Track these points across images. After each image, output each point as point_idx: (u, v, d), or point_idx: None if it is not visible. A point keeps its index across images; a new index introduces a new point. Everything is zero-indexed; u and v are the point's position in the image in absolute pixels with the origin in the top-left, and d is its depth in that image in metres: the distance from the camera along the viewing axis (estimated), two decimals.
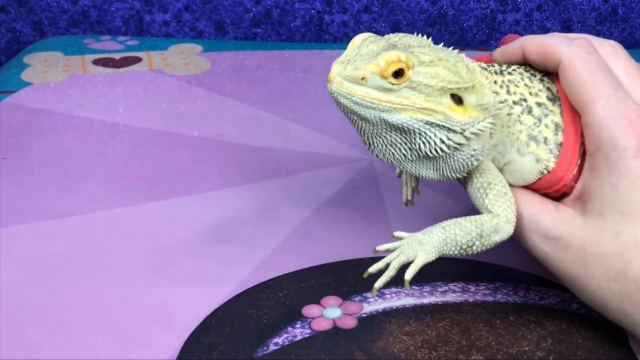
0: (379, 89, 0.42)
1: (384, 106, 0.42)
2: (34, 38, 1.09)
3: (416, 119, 0.42)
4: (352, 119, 0.43)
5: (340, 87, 0.42)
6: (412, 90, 0.42)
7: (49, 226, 0.60)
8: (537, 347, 0.47)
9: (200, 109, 0.83)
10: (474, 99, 0.43)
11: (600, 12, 1.07)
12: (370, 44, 0.43)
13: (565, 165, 0.45)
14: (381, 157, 0.45)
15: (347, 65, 0.42)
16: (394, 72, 0.41)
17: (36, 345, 0.47)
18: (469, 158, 0.44)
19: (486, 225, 0.44)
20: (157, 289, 0.53)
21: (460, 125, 0.43)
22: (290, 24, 1.09)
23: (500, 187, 0.45)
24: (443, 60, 0.42)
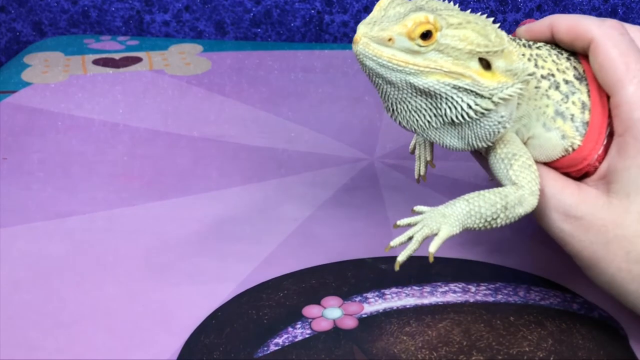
0: (406, 51, 0.41)
1: (411, 69, 0.41)
2: (34, 38, 1.09)
3: (443, 82, 0.41)
4: (377, 82, 0.42)
5: (367, 48, 0.41)
6: (440, 53, 0.41)
7: (49, 226, 0.60)
8: (537, 347, 0.47)
9: (200, 109, 0.83)
10: (502, 63, 0.42)
11: (600, 12, 1.07)
12: (397, 6, 0.42)
13: (592, 145, 0.45)
14: (404, 125, 0.44)
15: (374, 26, 0.41)
16: (422, 33, 0.40)
17: (36, 345, 0.47)
18: (496, 125, 0.43)
19: (510, 197, 0.43)
20: (157, 289, 0.53)
21: (489, 90, 0.41)
22: (290, 24, 1.09)
23: (525, 158, 0.44)
24: (472, 23, 0.41)
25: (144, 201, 0.64)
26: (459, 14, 0.42)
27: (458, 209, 0.43)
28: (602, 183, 0.44)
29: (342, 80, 0.92)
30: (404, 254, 0.43)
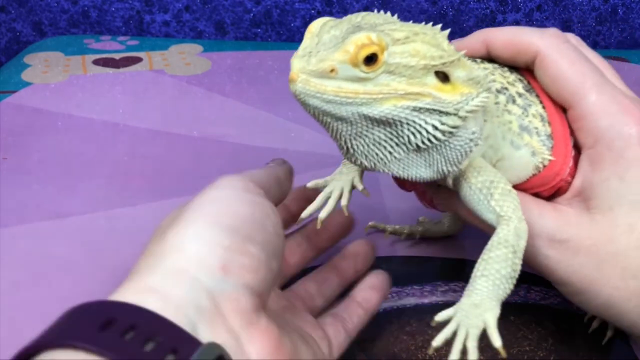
0: (353, 79, 0.35)
1: (362, 99, 0.35)
2: (34, 38, 1.09)
3: (401, 107, 0.36)
4: (325, 121, 0.36)
5: (307, 85, 0.35)
6: (391, 75, 0.35)
7: (49, 226, 0.60)
8: (537, 347, 0.47)
9: (200, 109, 0.83)
10: (462, 73, 0.37)
11: (600, 12, 1.07)
12: (331, 29, 0.36)
13: (562, 158, 0.42)
14: (363, 162, 0.39)
15: (310, 58, 0.35)
16: (367, 57, 0.35)
17: None
18: (467, 143, 0.38)
19: (510, 237, 0.38)
20: None
21: (453, 106, 0.36)
22: (290, 24, 1.09)
23: (503, 184, 0.40)
24: (420, 35, 0.36)
25: (144, 201, 0.64)
26: (403, 26, 0.37)
27: (483, 289, 0.37)
28: (577, 201, 0.41)
29: None
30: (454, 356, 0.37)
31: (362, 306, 0.46)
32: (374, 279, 0.48)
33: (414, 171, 0.39)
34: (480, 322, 0.37)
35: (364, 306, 0.46)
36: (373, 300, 0.46)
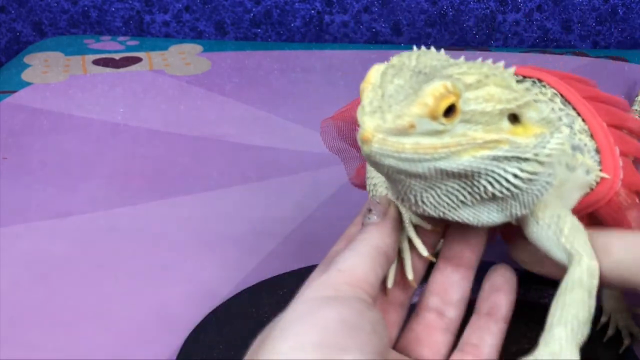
0: (430, 133, 0.32)
1: (440, 154, 0.32)
2: (34, 38, 1.09)
3: (480, 157, 0.33)
4: (397, 178, 0.34)
5: (384, 145, 0.32)
6: (467, 124, 0.33)
7: (49, 226, 0.60)
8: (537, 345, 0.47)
9: (201, 109, 0.83)
10: (534, 113, 0.34)
11: (600, 12, 1.07)
12: (394, 79, 0.33)
13: (612, 171, 0.39)
14: (429, 212, 0.36)
15: (384, 114, 0.32)
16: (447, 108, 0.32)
17: (36, 345, 0.47)
18: (543, 187, 0.35)
19: (584, 278, 0.36)
20: (157, 288, 0.53)
21: (531, 150, 0.34)
22: (291, 24, 1.09)
23: (570, 217, 0.37)
24: (490, 77, 0.34)
25: (144, 201, 0.64)
26: (470, 67, 0.34)
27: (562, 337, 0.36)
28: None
29: (342, 80, 0.92)
30: None
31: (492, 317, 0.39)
32: (497, 279, 0.40)
33: (485, 217, 0.36)
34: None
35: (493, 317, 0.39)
36: (502, 305, 0.39)
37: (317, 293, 0.32)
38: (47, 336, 0.48)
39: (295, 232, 0.59)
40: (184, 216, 0.62)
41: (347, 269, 0.34)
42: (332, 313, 0.31)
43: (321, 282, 0.33)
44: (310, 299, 0.32)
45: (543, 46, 1.09)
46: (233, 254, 0.56)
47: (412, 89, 0.32)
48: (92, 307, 0.51)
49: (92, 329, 0.49)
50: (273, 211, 0.63)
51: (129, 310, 0.50)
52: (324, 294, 0.32)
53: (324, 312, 0.31)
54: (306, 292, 0.33)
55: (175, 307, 0.51)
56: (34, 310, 0.51)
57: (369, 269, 0.34)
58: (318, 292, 0.33)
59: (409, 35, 1.09)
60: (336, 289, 0.32)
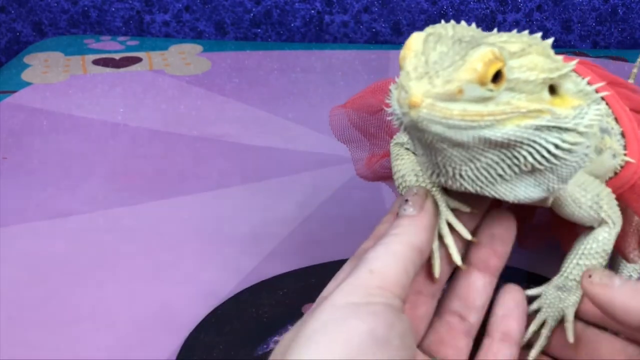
0: (477, 100, 0.32)
1: (486, 121, 0.32)
2: (34, 38, 1.10)
3: (524, 126, 0.32)
4: (440, 148, 0.33)
5: (433, 110, 0.31)
6: (512, 92, 0.33)
7: (49, 226, 0.60)
8: None
9: (201, 109, 0.83)
10: (571, 85, 0.35)
11: (600, 12, 1.07)
12: (437, 45, 0.33)
13: (637, 154, 0.40)
14: (467, 187, 0.35)
15: (431, 79, 0.32)
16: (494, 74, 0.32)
17: (36, 345, 0.47)
18: (582, 159, 0.35)
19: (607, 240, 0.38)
20: (157, 288, 0.53)
21: (571, 121, 0.34)
22: (291, 24, 1.10)
23: (606, 191, 0.38)
24: (533, 46, 0.34)
25: (144, 201, 0.64)
26: (512, 36, 0.34)
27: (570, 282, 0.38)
28: None
29: (342, 80, 0.92)
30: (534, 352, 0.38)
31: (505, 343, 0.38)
32: (509, 302, 0.39)
33: (522, 191, 0.36)
34: (560, 315, 0.38)
35: (507, 343, 0.38)
36: (515, 330, 0.38)
37: (347, 298, 0.31)
38: (46, 336, 0.48)
39: (295, 232, 0.59)
40: (184, 216, 0.62)
41: (378, 270, 0.32)
42: (361, 325, 0.30)
43: (351, 284, 0.32)
44: (340, 306, 0.31)
45: None
46: (233, 254, 0.56)
47: (458, 55, 0.32)
48: (92, 307, 0.51)
49: (92, 329, 0.49)
50: (273, 211, 0.63)
51: (129, 310, 0.50)
52: (354, 299, 0.31)
53: (352, 323, 0.30)
54: (336, 296, 0.31)
55: (176, 307, 0.51)
56: (34, 310, 0.51)
57: (401, 270, 0.33)
58: (348, 298, 0.31)
59: (409, 35, 1.09)
60: (367, 294, 0.31)
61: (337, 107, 0.48)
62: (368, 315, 0.30)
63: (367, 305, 0.31)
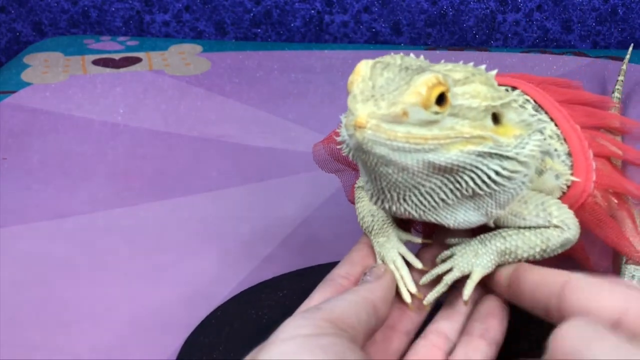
0: (421, 124, 0.33)
1: (430, 145, 0.33)
2: (34, 38, 1.09)
3: (467, 151, 0.33)
4: (383, 172, 0.34)
5: (378, 132, 0.32)
6: (455, 117, 0.33)
7: (49, 226, 0.60)
8: (537, 346, 0.47)
9: (200, 109, 0.83)
10: (514, 115, 0.36)
11: (600, 12, 1.07)
12: (383, 72, 0.34)
13: (584, 174, 0.41)
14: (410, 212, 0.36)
15: (377, 101, 0.32)
16: (437, 97, 0.33)
17: (36, 345, 0.47)
18: (519, 186, 0.37)
19: (553, 240, 0.38)
20: (157, 289, 0.53)
21: (512, 149, 0.35)
22: (291, 24, 1.09)
23: (552, 200, 0.39)
24: (476, 75, 0.35)
25: (144, 201, 0.64)
26: (454, 66, 0.36)
27: (493, 246, 0.38)
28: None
29: (342, 80, 0.92)
30: (431, 295, 0.38)
31: (484, 337, 0.38)
32: (492, 304, 0.39)
33: (461, 216, 0.37)
34: (468, 270, 0.38)
35: (485, 337, 0.38)
36: (493, 328, 0.38)
37: (298, 331, 0.31)
38: (46, 336, 0.48)
39: (295, 233, 0.59)
40: (183, 216, 0.62)
41: (326, 307, 0.33)
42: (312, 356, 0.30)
43: (302, 317, 0.32)
44: (290, 339, 0.31)
45: (543, 46, 1.09)
46: (233, 255, 0.56)
47: (403, 80, 0.33)
48: (91, 307, 0.51)
49: (92, 329, 0.49)
50: (273, 211, 0.63)
51: (128, 311, 0.50)
52: (305, 332, 0.31)
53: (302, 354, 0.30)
54: (287, 327, 0.32)
55: (175, 308, 0.51)
56: (34, 310, 0.51)
57: (350, 311, 0.33)
58: (298, 330, 0.31)
59: (409, 35, 1.09)
60: (316, 326, 0.32)
61: (318, 144, 0.50)
62: (317, 348, 0.30)
63: (317, 337, 0.31)
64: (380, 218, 0.41)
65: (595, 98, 0.48)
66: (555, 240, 0.38)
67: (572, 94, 0.47)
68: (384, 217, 0.41)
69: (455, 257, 0.38)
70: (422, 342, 0.37)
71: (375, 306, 0.35)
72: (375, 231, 0.41)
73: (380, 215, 0.41)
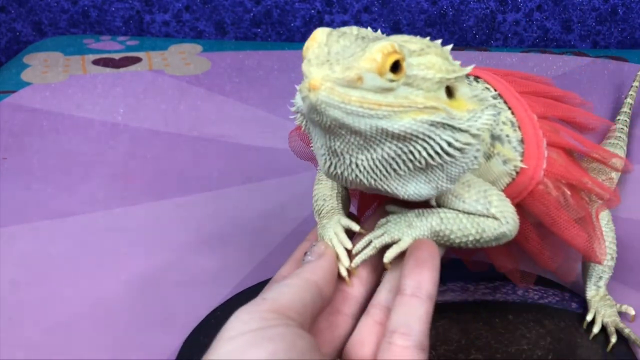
0: (376, 90, 0.33)
1: (384, 111, 0.33)
2: (34, 38, 1.09)
3: (420, 120, 0.34)
4: (337, 133, 0.34)
5: (332, 94, 0.32)
6: (410, 87, 0.34)
7: (49, 226, 0.60)
8: (536, 345, 0.47)
9: (200, 109, 0.83)
10: (467, 90, 0.37)
11: (600, 12, 1.07)
12: (339, 39, 0.35)
13: (534, 161, 0.41)
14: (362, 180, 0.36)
15: (332, 65, 0.33)
16: (392, 65, 0.33)
17: (36, 345, 0.47)
18: (471, 161, 0.37)
19: (488, 232, 0.38)
20: (156, 288, 0.53)
21: (465, 122, 0.35)
22: (291, 24, 1.09)
23: (495, 190, 0.39)
24: (432, 47, 0.36)
25: (144, 201, 0.64)
26: (410, 37, 0.36)
27: (428, 223, 0.38)
28: None
29: None
30: (358, 258, 0.38)
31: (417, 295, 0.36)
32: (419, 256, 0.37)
33: (412, 189, 0.37)
34: (397, 237, 0.38)
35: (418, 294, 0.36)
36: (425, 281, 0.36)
37: (245, 327, 0.31)
38: (46, 336, 0.48)
39: (295, 232, 0.59)
40: (183, 216, 0.62)
41: (271, 297, 0.33)
42: (260, 353, 0.30)
43: (247, 311, 0.32)
44: (238, 335, 0.31)
45: (543, 46, 1.09)
46: (233, 254, 0.56)
47: (358, 47, 0.34)
48: (91, 307, 0.51)
49: (92, 329, 0.49)
50: (273, 211, 0.63)
51: (128, 311, 0.51)
52: (252, 326, 0.31)
53: (252, 353, 0.30)
54: (234, 324, 0.31)
55: (175, 308, 0.51)
56: (34, 310, 0.51)
57: (294, 297, 0.34)
58: (246, 326, 0.31)
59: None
60: (263, 318, 0.31)
61: (293, 131, 0.50)
62: (265, 341, 0.30)
63: (264, 330, 0.31)
64: (330, 204, 0.41)
65: (560, 93, 0.49)
66: (491, 232, 0.38)
67: (535, 86, 0.48)
68: (334, 205, 0.41)
69: (389, 224, 0.38)
70: (365, 320, 0.37)
71: (319, 286, 0.35)
72: (322, 214, 0.41)
73: (332, 201, 0.42)
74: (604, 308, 0.49)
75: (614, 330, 0.48)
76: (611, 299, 0.50)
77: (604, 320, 0.48)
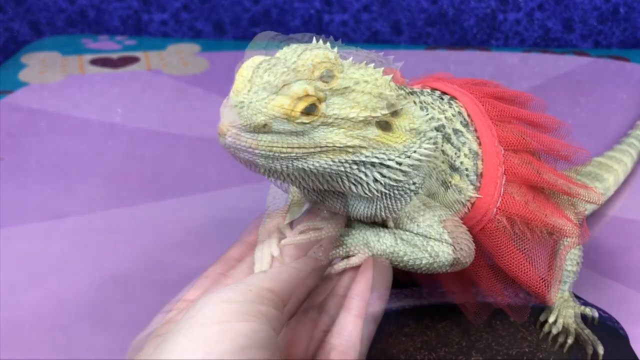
0: (287, 133, 0.33)
1: (297, 153, 0.33)
2: (31, 38, 1.09)
3: (339, 161, 0.34)
4: (258, 170, 0.35)
5: (237, 140, 0.33)
6: (329, 127, 0.34)
7: (47, 227, 0.60)
8: (537, 348, 0.47)
9: (199, 109, 0.83)
10: (405, 122, 0.36)
11: (602, 11, 1.06)
12: (264, 73, 0.34)
13: (489, 198, 0.41)
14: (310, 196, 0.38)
15: (242, 109, 0.33)
16: (304, 109, 0.33)
17: (35, 346, 0.47)
18: (407, 194, 0.37)
19: (442, 257, 0.38)
20: (155, 289, 0.52)
21: (395, 158, 0.35)
22: (290, 23, 1.09)
23: (452, 217, 0.39)
24: (361, 84, 0.34)
25: (143, 201, 0.64)
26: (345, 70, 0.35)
27: (383, 245, 0.38)
28: None
29: None
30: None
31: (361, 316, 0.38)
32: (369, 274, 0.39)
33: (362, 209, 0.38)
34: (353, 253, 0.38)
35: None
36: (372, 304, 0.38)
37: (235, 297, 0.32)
38: (45, 337, 0.48)
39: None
40: (182, 217, 0.62)
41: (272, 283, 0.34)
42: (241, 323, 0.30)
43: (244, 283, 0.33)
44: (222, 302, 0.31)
45: (544, 45, 1.09)
46: None
47: (277, 87, 0.33)
48: (90, 307, 0.51)
49: (91, 330, 0.49)
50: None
51: (127, 311, 0.50)
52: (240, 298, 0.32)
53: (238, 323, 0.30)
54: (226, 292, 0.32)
55: None
56: (32, 311, 0.50)
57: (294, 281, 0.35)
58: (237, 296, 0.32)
59: (409, 34, 1.09)
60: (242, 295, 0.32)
61: None
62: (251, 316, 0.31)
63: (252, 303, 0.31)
64: (277, 206, 0.43)
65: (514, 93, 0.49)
66: (444, 258, 0.38)
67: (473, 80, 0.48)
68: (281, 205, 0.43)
69: (351, 236, 0.38)
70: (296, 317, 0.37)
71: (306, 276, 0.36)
72: (268, 212, 0.43)
73: (280, 203, 0.43)
74: (566, 309, 0.49)
75: (573, 331, 0.48)
76: (575, 301, 0.50)
77: (564, 321, 0.48)
